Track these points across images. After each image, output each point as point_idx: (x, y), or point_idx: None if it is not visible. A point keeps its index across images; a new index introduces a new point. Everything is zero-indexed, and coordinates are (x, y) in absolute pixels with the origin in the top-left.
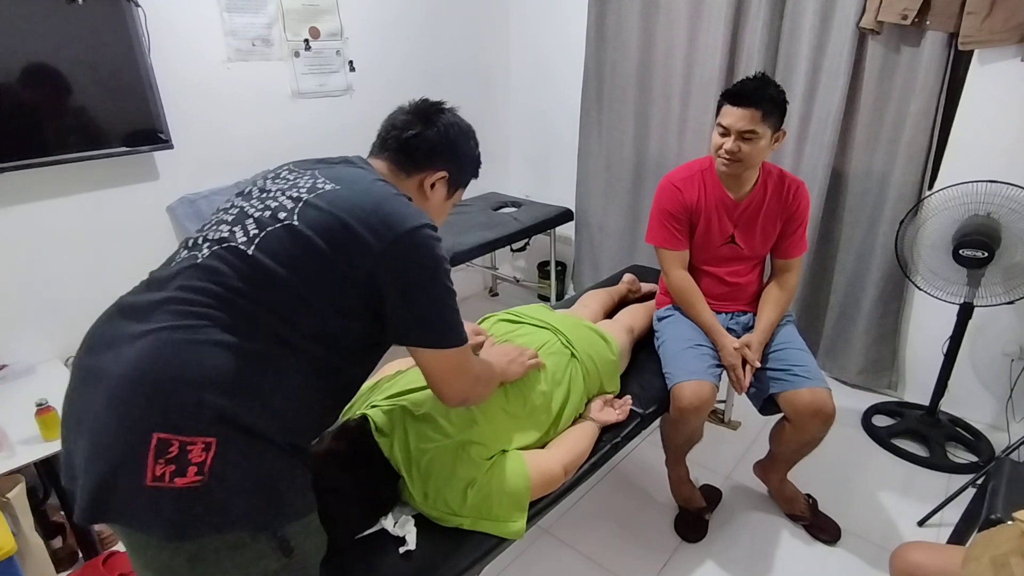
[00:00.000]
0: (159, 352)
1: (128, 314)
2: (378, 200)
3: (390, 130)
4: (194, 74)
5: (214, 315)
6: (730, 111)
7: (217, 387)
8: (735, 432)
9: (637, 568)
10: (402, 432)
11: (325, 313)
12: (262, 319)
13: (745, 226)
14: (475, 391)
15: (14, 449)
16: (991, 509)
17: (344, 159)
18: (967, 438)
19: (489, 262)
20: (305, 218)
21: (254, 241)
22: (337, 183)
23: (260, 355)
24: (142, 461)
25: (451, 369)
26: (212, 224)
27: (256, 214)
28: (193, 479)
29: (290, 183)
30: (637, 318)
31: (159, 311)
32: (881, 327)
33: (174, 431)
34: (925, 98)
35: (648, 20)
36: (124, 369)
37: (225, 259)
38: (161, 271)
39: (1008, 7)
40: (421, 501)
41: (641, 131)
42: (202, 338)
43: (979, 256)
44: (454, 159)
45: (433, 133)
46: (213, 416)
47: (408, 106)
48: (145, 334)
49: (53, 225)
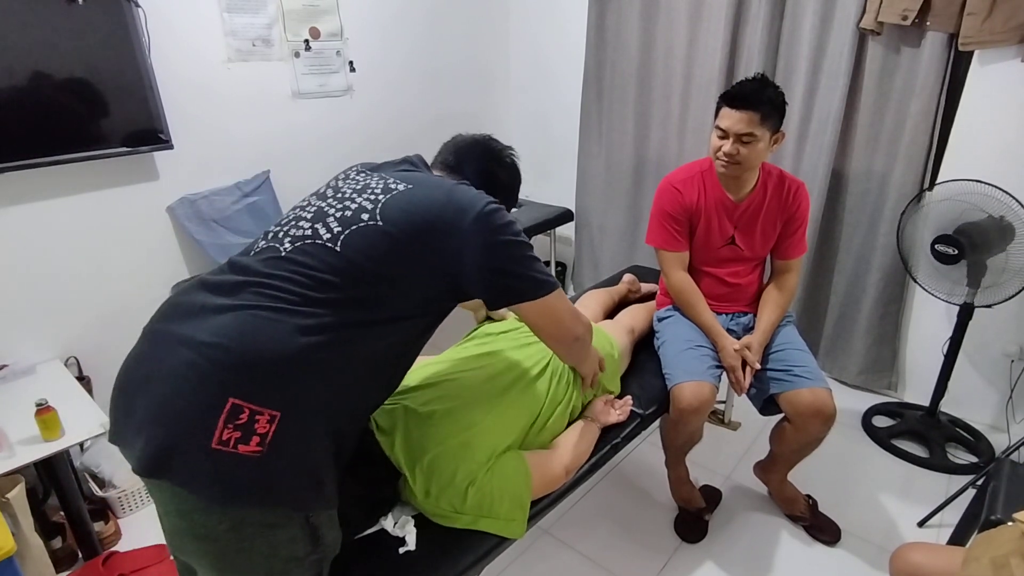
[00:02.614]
0: (246, 324)
1: (212, 289)
2: (447, 193)
3: (460, 157)
4: (194, 74)
5: (298, 302)
6: (728, 114)
7: (294, 365)
8: (735, 433)
9: (637, 568)
10: (404, 430)
11: (408, 298)
12: (348, 306)
13: (745, 227)
14: (579, 328)
15: (14, 449)
16: (991, 510)
17: (405, 160)
18: (967, 439)
19: None
20: (388, 217)
21: (339, 238)
22: (409, 183)
23: (338, 340)
24: (212, 423)
25: (554, 311)
26: (291, 220)
27: (337, 213)
28: (255, 448)
29: (362, 184)
30: (638, 319)
31: (245, 291)
32: (881, 328)
33: (248, 399)
34: (925, 99)
35: (648, 20)
36: (210, 336)
37: (311, 253)
38: (242, 258)
39: (1008, 8)
40: (423, 499)
41: (641, 131)
42: (286, 319)
43: (950, 253)
44: (508, 197)
45: (504, 174)
46: (285, 392)
47: (478, 139)
48: (232, 308)
49: (53, 225)
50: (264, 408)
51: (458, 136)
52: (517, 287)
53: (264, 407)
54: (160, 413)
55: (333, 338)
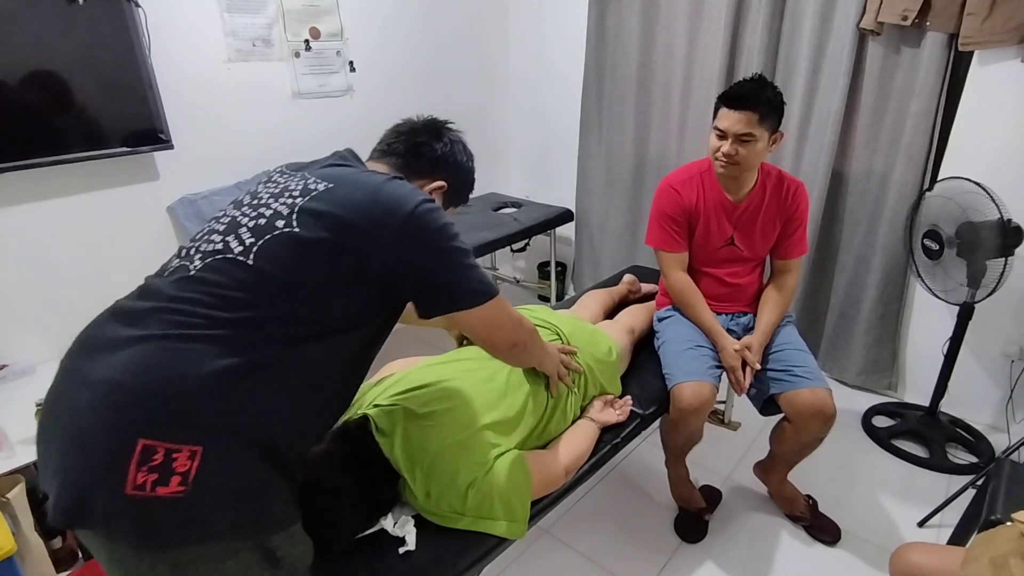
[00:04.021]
0: (153, 357)
1: (122, 318)
2: (374, 190)
3: (397, 136)
4: (194, 74)
5: (208, 325)
6: (726, 114)
7: (210, 395)
8: (735, 433)
9: (637, 569)
10: (403, 432)
11: (336, 310)
12: (266, 324)
13: (744, 228)
14: (521, 334)
15: (14, 449)
16: (991, 510)
17: (335, 155)
18: (967, 439)
19: (489, 262)
20: (304, 223)
21: (252, 250)
22: (330, 182)
23: (260, 361)
24: (124, 468)
25: (492, 320)
26: (204, 234)
27: (250, 223)
28: (176, 489)
29: (281, 187)
30: (638, 319)
31: (152, 319)
32: (881, 328)
33: (161, 438)
34: (925, 99)
35: (648, 21)
36: (114, 374)
37: (220, 270)
38: (155, 279)
39: (1008, 8)
40: (423, 501)
41: (641, 132)
42: (196, 347)
43: (933, 248)
44: (455, 174)
45: (440, 145)
46: (203, 424)
47: (416, 119)
48: (138, 340)
49: (53, 225)
50: (181, 445)
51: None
52: (451, 297)
53: (181, 444)
54: (69, 462)
55: (253, 361)
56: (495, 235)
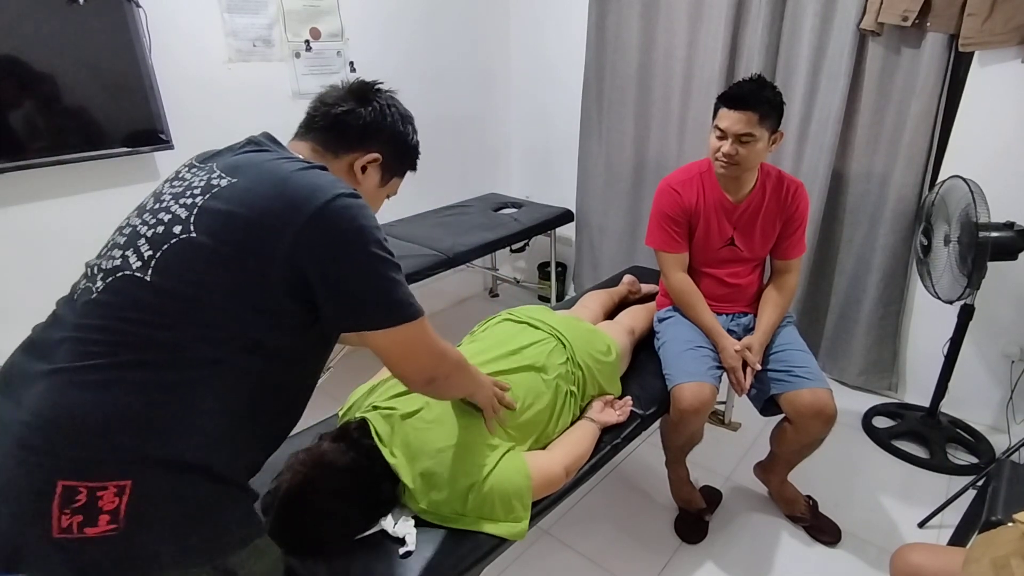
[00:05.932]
0: (61, 393)
1: (34, 352)
2: (279, 181)
3: (319, 107)
4: (195, 74)
5: (118, 352)
6: (726, 114)
7: (130, 426)
8: (735, 433)
9: (637, 569)
10: (402, 437)
11: (251, 322)
12: (178, 345)
13: (744, 228)
14: (441, 368)
15: None
16: (991, 511)
17: (249, 140)
18: (967, 440)
19: (489, 263)
20: (203, 226)
21: (150, 265)
22: (234, 175)
23: (179, 383)
24: (47, 512)
25: (407, 346)
26: (107, 248)
27: (148, 232)
28: (106, 528)
29: (184, 185)
30: (638, 319)
31: (60, 350)
32: (881, 328)
33: (81, 477)
34: (925, 100)
35: (648, 21)
36: (23, 414)
37: (120, 291)
38: (63, 305)
39: (1008, 9)
40: (423, 504)
41: (641, 132)
42: (107, 377)
43: (922, 243)
44: (389, 141)
45: (367, 111)
46: (127, 457)
47: (341, 84)
48: (48, 374)
49: (54, 225)
50: (106, 481)
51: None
52: (357, 311)
53: (105, 480)
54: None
55: (168, 386)
56: (495, 235)
